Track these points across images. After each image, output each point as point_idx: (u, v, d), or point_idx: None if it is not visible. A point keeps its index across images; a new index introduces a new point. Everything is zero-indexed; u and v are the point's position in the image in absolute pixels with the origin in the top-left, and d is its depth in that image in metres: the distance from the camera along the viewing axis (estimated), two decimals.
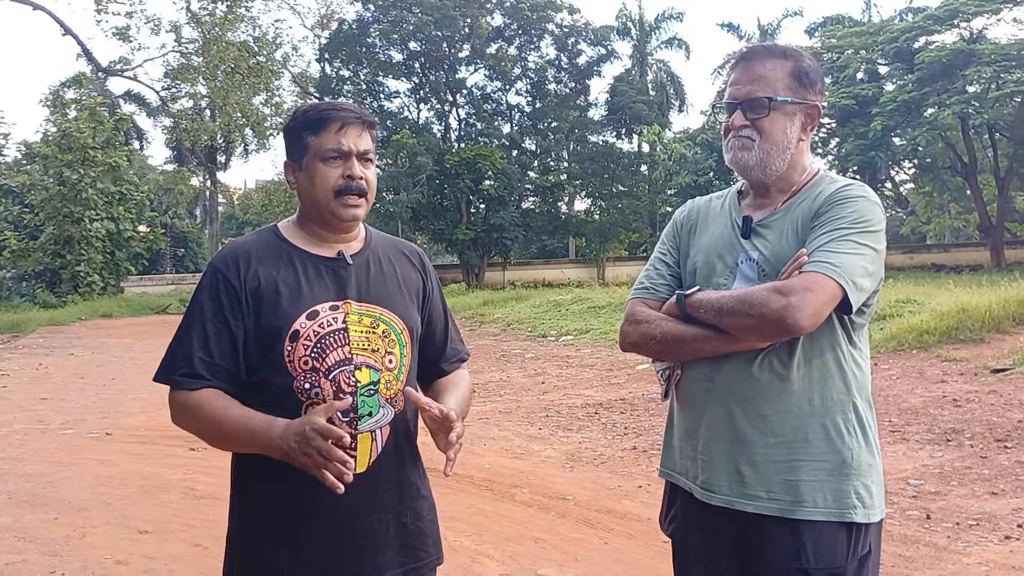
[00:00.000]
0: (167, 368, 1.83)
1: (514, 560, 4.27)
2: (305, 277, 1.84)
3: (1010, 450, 6.12)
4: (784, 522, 1.81)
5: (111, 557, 4.43)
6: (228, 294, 1.81)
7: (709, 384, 1.89)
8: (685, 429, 1.98)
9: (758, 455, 1.83)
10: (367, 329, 1.86)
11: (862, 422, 1.86)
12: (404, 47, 33.70)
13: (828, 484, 1.81)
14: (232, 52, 26.35)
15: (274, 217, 36.04)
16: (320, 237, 1.91)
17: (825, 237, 1.80)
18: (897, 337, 10.46)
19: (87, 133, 26.32)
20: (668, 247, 2.10)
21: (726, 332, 1.82)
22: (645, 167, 35.74)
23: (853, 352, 1.88)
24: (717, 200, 2.10)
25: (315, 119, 1.86)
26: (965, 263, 27.69)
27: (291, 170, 1.90)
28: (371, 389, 1.83)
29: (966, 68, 25.15)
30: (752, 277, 1.88)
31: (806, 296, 1.71)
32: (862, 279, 1.78)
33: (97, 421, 8.44)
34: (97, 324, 21.18)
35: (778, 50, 1.96)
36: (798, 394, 1.83)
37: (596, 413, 8.37)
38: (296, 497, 1.78)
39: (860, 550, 1.82)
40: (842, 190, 1.88)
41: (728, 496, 1.86)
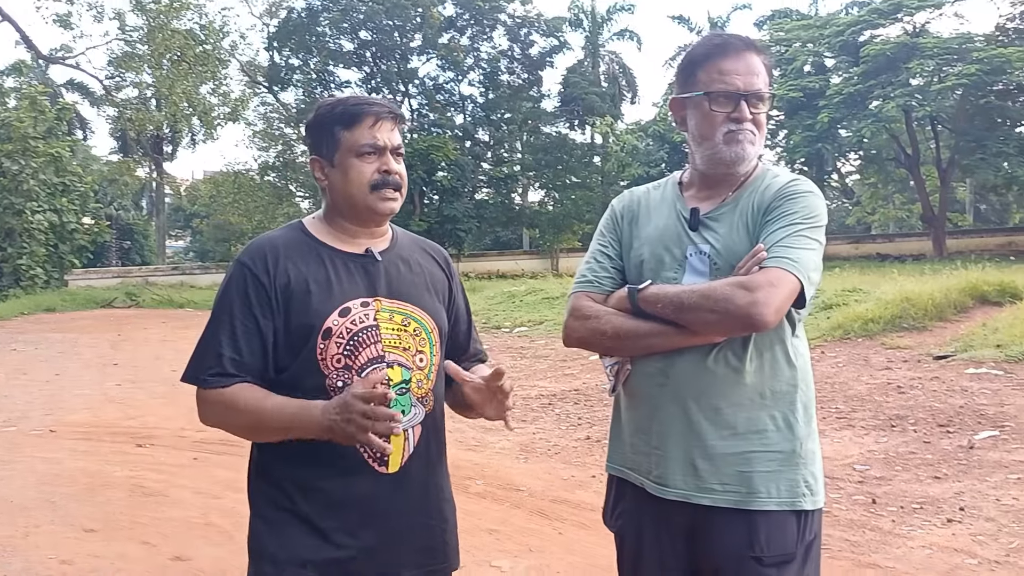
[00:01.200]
0: (196, 368, 1.80)
1: (468, 552, 4.24)
2: (335, 274, 1.81)
3: (952, 435, 6.29)
4: (739, 513, 1.83)
5: (55, 557, 4.32)
6: (257, 292, 1.78)
7: (662, 378, 1.89)
8: (636, 424, 1.97)
9: (713, 448, 1.84)
10: (398, 327, 1.84)
11: (807, 412, 1.90)
12: (355, 36, 33.33)
13: (781, 474, 1.84)
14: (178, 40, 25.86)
15: (223, 209, 35.53)
16: (349, 233, 1.87)
17: (781, 232, 1.81)
18: (843, 326, 10.67)
19: (28, 123, 25.55)
20: (609, 239, 2.06)
21: (681, 327, 1.82)
22: (598, 158, 35.87)
23: (797, 343, 1.91)
24: (656, 191, 2.08)
25: (348, 114, 1.82)
26: (909, 253, 28.30)
27: (320, 166, 1.86)
28: (403, 388, 1.82)
29: (909, 61, 25.68)
30: (703, 271, 1.87)
31: (771, 292, 1.72)
32: (814, 273, 1.81)
33: (40, 418, 8.23)
34: (40, 318, 20.65)
35: (754, 43, 1.96)
36: (751, 387, 1.84)
37: (550, 404, 8.40)
38: (318, 490, 1.77)
39: (808, 535, 1.86)
40: (791, 185, 1.89)
41: (683, 490, 1.87)
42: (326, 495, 1.76)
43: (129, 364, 12.35)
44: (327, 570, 1.77)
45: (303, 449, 1.74)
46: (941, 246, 27.33)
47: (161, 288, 27.34)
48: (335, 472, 1.75)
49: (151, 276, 30.71)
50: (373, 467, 1.79)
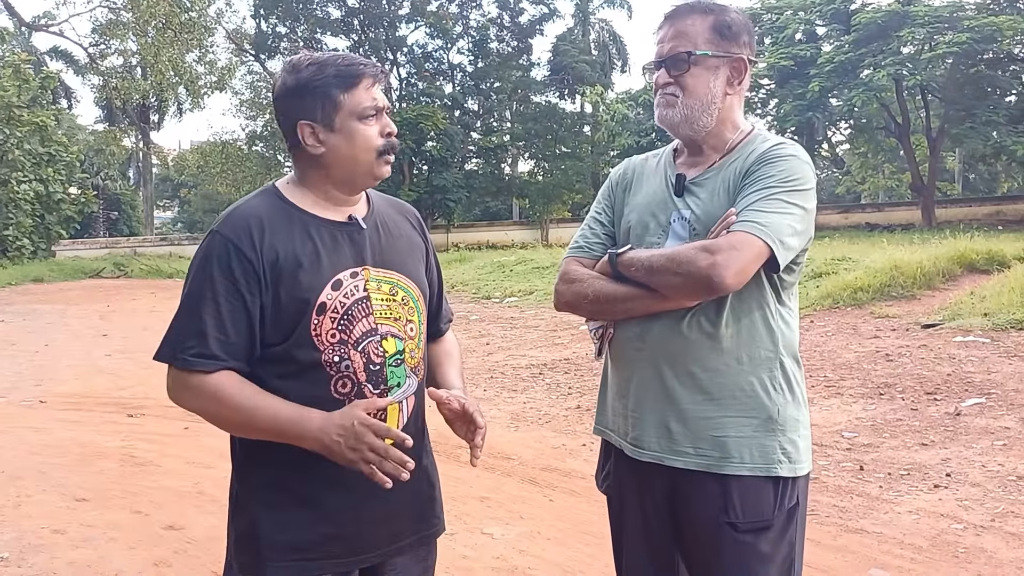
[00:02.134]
0: (174, 345, 1.69)
1: (459, 520, 4.29)
2: (323, 245, 1.74)
3: (939, 402, 6.34)
4: (712, 477, 1.84)
5: (48, 526, 4.33)
6: (243, 268, 1.68)
7: (639, 343, 1.91)
8: (617, 387, 2.00)
9: (686, 412, 1.86)
10: (387, 296, 1.79)
11: (789, 379, 1.89)
12: (342, 3, 32.99)
13: (754, 440, 1.84)
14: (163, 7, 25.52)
15: (210, 179, 35.31)
16: (333, 200, 1.79)
17: (754, 196, 1.80)
18: (832, 294, 10.72)
19: (11, 91, 25.25)
20: (603, 206, 2.09)
21: (656, 291, 1.83)
22: (588, 128, 35.77)
23: (781, 310, 1.89)
24: (653, 159, 2.09)
25: (345, 75, 1.72)
26: (898, 222, 28.37)
27: (313, 132, 1.73)
28: (398, 359, 1.79)
29: (901, 30, 25.57)
30: (683, 236, 1.87)
31: (732, 255, 1.72)
32: (790, 238, 1.78)
33: (30, 389, 8.21)
34: (28, 289, 20.56)
35: (701, 6, 1.94)
36: (726, 352, 1.84)
37: (540, 373, 8.43)
38: (318, 469, 1.71)
39: (787, 503, 1.86)
40: (773, 149, 1.88)
41: (657, 452, 1.89)
42: (324, 473, 1.72)
43: (118, 335, 12.32)
44: (330, 547, 1.75)
45: None
46: (930, 215, 27.40)
47: (149, 258, 27.27)
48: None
49: (139, 247, 30.60)
50: None
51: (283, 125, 1.78)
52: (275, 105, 1.81)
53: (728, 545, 1.82)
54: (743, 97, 1.99)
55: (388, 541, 1.82)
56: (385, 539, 1.81)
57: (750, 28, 1.96)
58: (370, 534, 1.79)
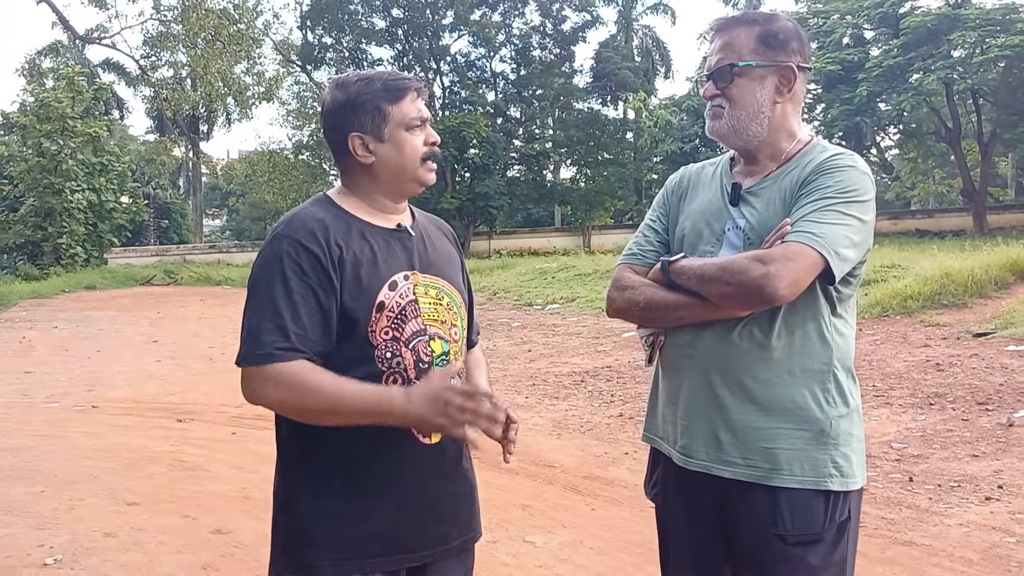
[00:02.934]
0: (253, 344, 1.71)
1: (501, 527, 4.30)
2: (378, 248, 1.82)
3: (991, 413, 6.20)
4: (762, 488, 1.82)
5: (99, 529, 4.43)
6: (313, 266, 1.74)
7: (690, 351, 1.91)
8: (667, 395, 2.00)
9: (736, 422, 1.85)
10: (434, 300, 1.87)
11: (843, 392, 1.86)
12: (387, 14, 33.30)
13: (805, 453, 1.82)
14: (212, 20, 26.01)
15: (258, 188, 35.83)
16: (382, 208, 1.88)
17: (810, 207, 1.78)
18: (881, 302, 10.54)
19: (65, 103, 25.92)
20: (658, 213, 2.10)
21: (708, 300, 1.82)
22: (631, 134, 35.61)
23: (836, 322, 1.87)
24: (710, 167, 2.09)
25: (392, 88, 1.83)
26: (949, 228, 27.79)
27: (363, 143, 1.83)
28: (444, 360, 1.85)
29: (951, 33, 25.07)
30: (738, 245, 1.87)
31: (785, 265, 1.71)
32: (846, 249, 1.76)
33: (82, 394, 8.41)
34: (81, 296, 21.03)
35: (748, 17, 1.95)
36: (778, 363, 1.83)
37: (582, 381, 8.41)
38: (368, 468, 1.77)
39: (838, 516, 1.83)
40: (831, 159, 1.86)
41: (706, 461, 1.88)
42: (376, 471, 1.77)
43: (168, 341, 12.55)
44: (380, 547, 1.78)
45: (351, 426, 1.74)
46: (982, 221, 26.80)
47: (198, 266, 27.71)
48: (383, 445, 1.75)
49: (188, 254, 31.11)
50: (417, 438, 1.80)
51: (333, 138, 1.87)
52: (325, 120, 1.89)
53: (777, 557, 1.81)
54: (799, 105, 1.98)
55: (435, 543, 1.85)
56: (432, 541, 1.85)
57: (800, 35, 1.95)
58: (419, 535, 1.83)
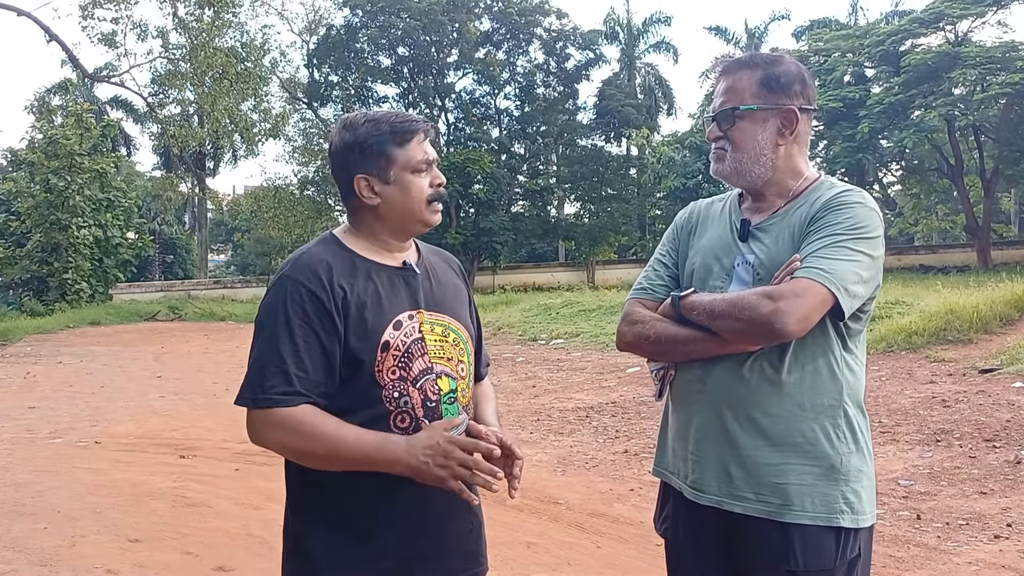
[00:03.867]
0: (256, 387, 1.74)
1: (506, 565, 4.26)
2: (383, 287, 1.83)
3: (999, 450, 6.16)
4: (773, 524, 1.82)
5: (102, 566, 4.40)
6: (315, 307, 1.75)
7: (700, 385, 1.91)
8: (677, 429, 2.00)
9: (747, 457, 1.85)
10: (440, 338, 1.87)
11: (853, 428, 1.87)
12: (392, 52, 33.68)
13: (816, 488, 1.82)
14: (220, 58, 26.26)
15: (263, 223, 35.99)
16: (387, 247, 1.89)
17: (819, 243, 1.80)
18: (886, 338, 10.52)
19: (74, 139, 26.17)
20: (668, 248, 2.12)
21: (717, 334, 1.83)
22: (634, 170, 35.82)
23: (847, 357, 1.88)
24: (719, 203, 2.11)
25: (399, 131, 1.84)
26: (952, 264, 27.82)
27: (369, 184, 1.84)
28: (452, 397, 1.86)
29: (952, 70, 25.28)
30: (747, 280, 1.89)
31: (794, 302, 1.72)
32: (855, 286, 1.78)
33: (86, 429, 8.39)
34: (85, 332, 21.06)
35: (752, 60, 1.98)
36: (788, 398, 1.84)
37: (587, 416, 8.37)
38: (376, 505, 1.78)
39: (849, 553, 1.83)
40: (839, 196, 1.88)
41: (717, 496, 1.88)
42: (383, 509, 1.77)
43: (172, 377, 12.55)
44: None
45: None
46: (986, 257, 26.81)
47: (203, 301, 27.77)
48: (392, 484, 1.75)
49: (193, 290, 31.21)
50: None
51: (339, 178, 1.89)
52: (331, 160, 1.90)
53: None
54: (804, 145, 2.00)
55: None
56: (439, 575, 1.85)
57: (804, 78, 1.97)
58: (426, 570, 1.83)
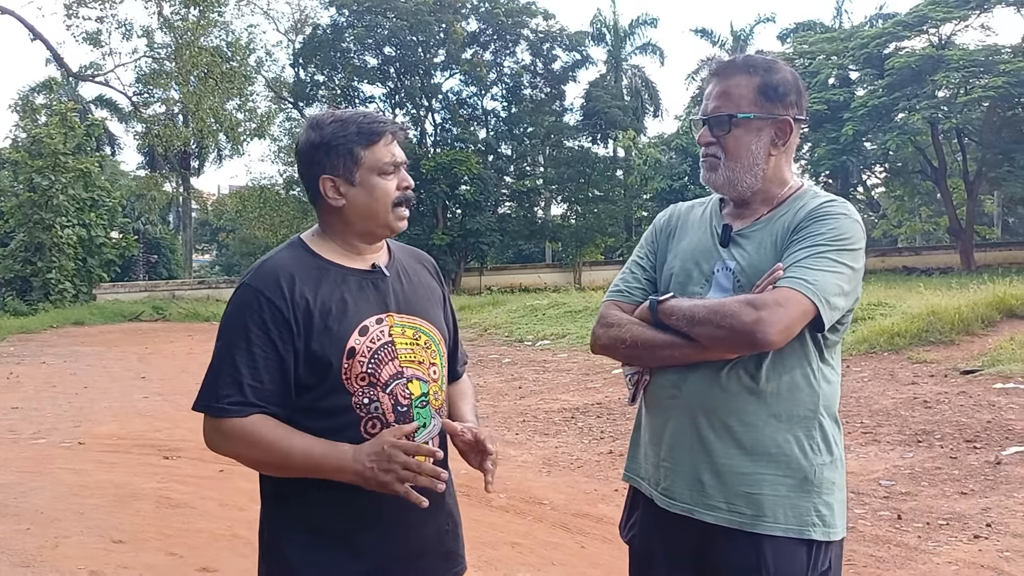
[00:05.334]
0: (210, 395, 1.76)
1: (490, 565, 4.28)
2: (349, 293, 1.81)
3: (979, 450, 6.22)
4: (744, 535, 1.80)
5: (85, 567, 4.38)
6: (274, 317, 1.75)
7: (675, 391, 1.89)
8: (650, 435, 1.97)
9: (721, 465, 1.83)
10: (411, 341, 1.85)
11: (827, 439, 1.85)
12: (379, 52, 33.64)
13: (789, 500, 1.80)
14: (205, 57, 26.18)
15: (248, 223, 35.87)
16: (355, 250, 1.87)
17: (802, 253, 1.78)
18: (869, 340, 10.60)
19: (58, 139, 26.00)
20: (646, 251, 2.08)
21: (696, 340, 1.81)
22: (620, 172, 35.93)
23: (824, 368, 1.86)
24: (699, 207, 2.08)
25: (366, 132, 1.81)
26: (935, 266, 28.03)
27: (334, 186, 1.82)
28: (423, 400, 1.85)
29: (935, 73, 25.48)
30: (727, 287, 1.86)
31: (777, 311, 1.70)
32: (836, 298, 1.76)
33: (69, 430, 8.34)
34: (69, 332, 20.93)
35: (748, 64, 1.93)
36: (764, 407, 1.82)
37: (573, 417, 8.40)
38: (352, 507, 1.77)
39: (820, 566, 1.82)
40: (823, 206, 1.86)
41: (688, 504, 1.85)
42: (358, 511, 1.77)
43: (156, 377, 12.49)
44: None
45: None
46: (969, 259, 27.03)
47: (187, 302, 27.64)
48: (367, 490, 1.75)
49: (178, 290, 31.05)
50: None
51: (305, 179, 1.87)
52: (298, 159, 1.88)
53: None
54: (792, 154, 1.98)
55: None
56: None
57: (799, 87, 1.94)
58: (401, 571, 1.83)
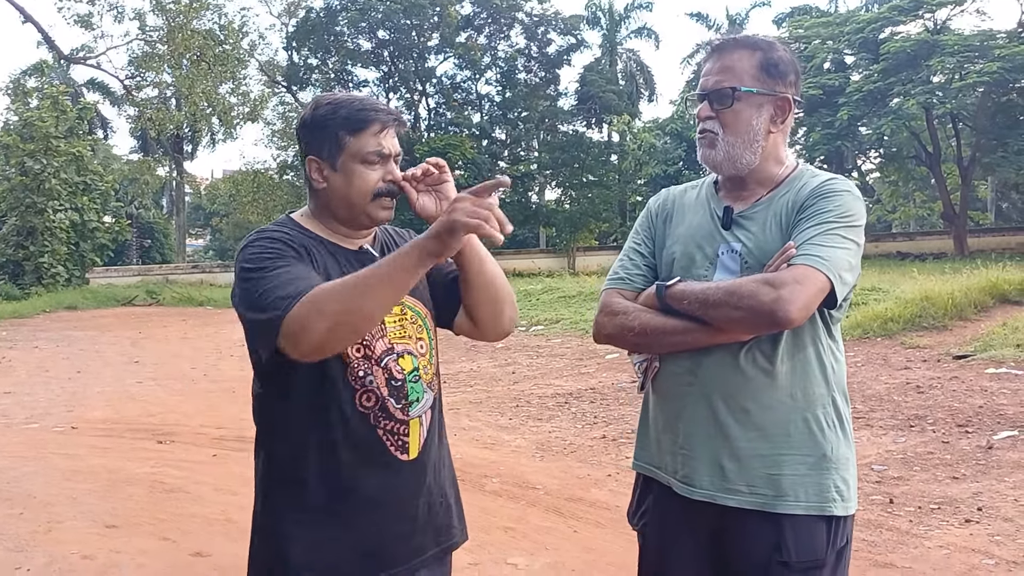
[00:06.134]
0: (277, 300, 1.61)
1: (483, 549, 4.28)
2: (335, 269, 1.81)
3: (971, 435, 6.25)
4: (765, 516, 1.80)
5: (77, 552, 4.38)
6: (296, 254, 1.73)
7: (690, 377, 1.87)
8: (663, 423, 1.95)
9: (741, 449, 1.82)
10: (398, 316, 1.86)
11: (840, 416, 1.87)
12: (373, 35, 33.46)
13: (809, 478, 1.81)
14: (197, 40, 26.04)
15: (242, 208, 35.75)
16: (343, 233, 1.87)
17: (813, 230, 1.78)
18: (862, 325, 10.62)
19: (49, 122, 25.84)
20: (643, 237, 2.06)
21: (708, 324, 1.80)
22: (615, 157, 35.82)
23: (832, 346, 1.88)
24: (692, 190, 2.07)
25: (354, 119, 1.78)
26: (929, 251, 28.06)
27: (319, 168, 1.81)
28: (415, 375, 1.85)
29: (930, 58, 25.42)
30: (734, 269, 1.86)
31: (796, 289, 1.69)
32: (847, 273, 1.77)
33: (62, 415, 8.33)
34: (62, 316, 20.88)
35: (749, 41, 1.93)
36: (781, 388, 1.82)
37: (566, 403, 8.41)
38: (342, 483, 1.77)
39: (839, 542, 1.83)
40: (827, 183, 1.86)
41: (710, 491, 1.85)
42: (352, 493, 1.77)
43: (150, 362, 12.47)
44: (359, 565, 1.79)
45: (326, 447, 1.76)
46: (962, 244, 27.07)
47: (181, 286, 27.56)
48: (360, 464, 1.77)
49: (171, 274, 30.95)
50: (395, 455, 1.81)
51: (301, 156, 1.87)
52: (296, 136, 1.89)
53: None
54: (787, 135, 1.97)
55: (411, 555, 1.86)
56: (408, 554, 1.85)
57: (797, 67, 1.94)
58: (395, 549, 1.83)
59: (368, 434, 1.77)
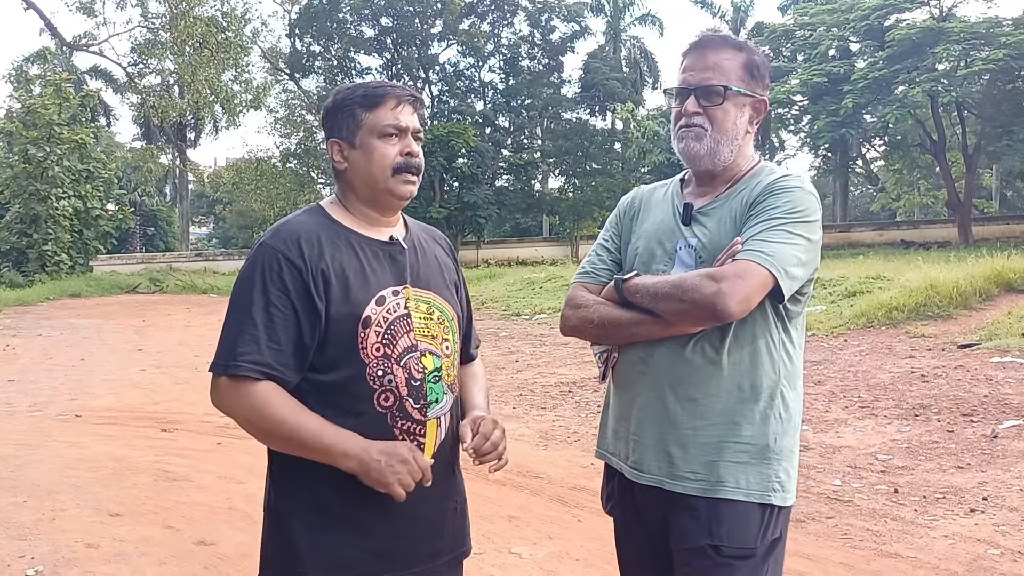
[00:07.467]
0: (228, 354, 1.71)
1: (487, 538, 4.28)
2: (367, 261, 1.80)
3: (976, 424, 6.23)
4: (704, 501, 1.86)
5: (81, 540, 4.39)
6: (293, 277, 1.72)
7: (643, 367, 1.94)
8: (620, 411, 2.03)
9: (687, 437, 1.88)
10: (425, 315, 1.85)
11: (788, 409, 1.91)
12: (375, 23, 33.38)
13: (751, 467, 1.86)
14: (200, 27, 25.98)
15: (245, 196, 35.76)
16: (371, 220, 1.86)
17: (759, 227, 1.83)
18: (867, 313, 10.60)
19: (52, 110, 25.80)
20: (611, 233, 2.14)
21: (661, 316, 1.85)
22: (619, 145, 35.75)
23: (785, 340, 1.92)
24: (661, 189, 2.14)
25: (371, 95, 1.81)
26: (934, 240, 28.03)
27: (339, 149, 1.83)
28: (436, 376, 1.84)
29: (936, 46, 25.31)
30: (690, 263, 1.91)
31: (736, 283, 1.75)
32: (794, 268, 1.81)
33: (66, 403, 8.34)
34: (65, 304, 20.90)
35: (733, 41, 1.99)
36: (728, 379, 1.87)
37: (570, 391, 8.40)
38: (360, 488, 1.74)
39: (772, 534, 1.88)
40: (778, 180, 1.91)
41: (657, 476, 1.92)
42: (367, 489, 1.74)
43: (153, 349, 12.47)
44: (371, 564, 1.77)
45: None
46: (967, 233, 27.01)
47: (184, 274, 27.61)
48: None
49: (174, 262, 31.01)
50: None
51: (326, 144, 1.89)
52: (321, 124, 1.92)
53: (708, 568, 1.84)
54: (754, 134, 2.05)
55: (427, 559, 1.85)
56: (423, 556, 1.84)
57: (770, 72, 2.03)
58: (410, 550, 1.82)
59: (384, 433, 1.76)
